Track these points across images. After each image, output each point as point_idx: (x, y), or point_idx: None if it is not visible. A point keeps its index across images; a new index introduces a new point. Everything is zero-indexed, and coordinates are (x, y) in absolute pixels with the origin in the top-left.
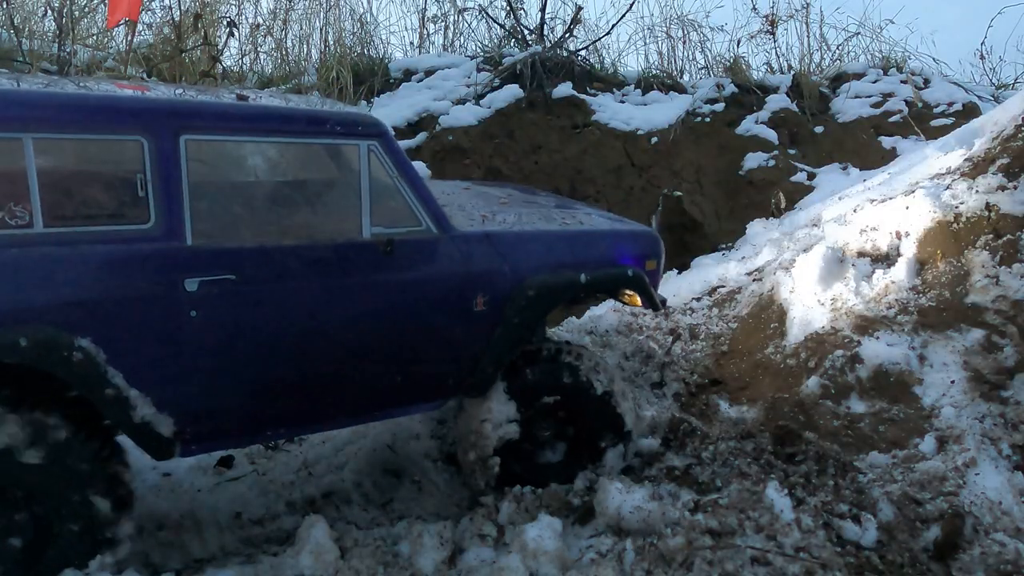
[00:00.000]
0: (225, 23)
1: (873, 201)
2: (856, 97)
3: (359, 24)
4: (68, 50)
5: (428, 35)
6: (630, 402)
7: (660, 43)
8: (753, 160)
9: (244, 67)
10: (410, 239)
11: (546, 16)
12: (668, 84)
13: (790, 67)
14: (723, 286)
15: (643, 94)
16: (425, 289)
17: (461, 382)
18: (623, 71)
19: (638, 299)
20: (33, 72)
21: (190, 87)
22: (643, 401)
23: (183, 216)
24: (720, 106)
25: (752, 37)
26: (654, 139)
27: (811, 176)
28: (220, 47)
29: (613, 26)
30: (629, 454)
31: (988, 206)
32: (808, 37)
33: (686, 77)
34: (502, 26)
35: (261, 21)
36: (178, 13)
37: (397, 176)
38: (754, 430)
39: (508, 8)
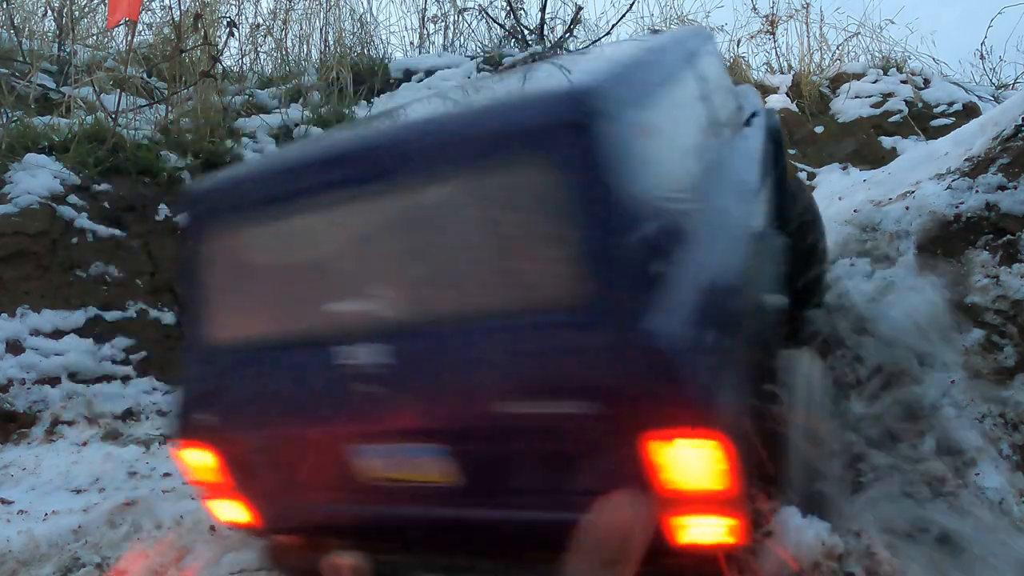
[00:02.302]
0: (225, 23)
1: (873, 201)
2: (856, 97)
3: (359, 24)
4: (68, 50)
5: (428, 35)
6: None
7: None
8: None
9: (244, 67)
10: None
11: (546, 16)
12: None
13: (790, 67)
14: None
15: None
16: None
17: None
18: None
19: None
20: (33, 72)
21: None
22: None
23: None
24: None
25: (752, 37)
26: None
27: (811, 176)
28: (220, 47)
29: (613, 26)
30: None
31: (988, 206)
32: (808, 37)
33: None
34: (502, 26)
35: (261, 21)
36: (178, 13)
37: None
38: None
39: (508, 8)
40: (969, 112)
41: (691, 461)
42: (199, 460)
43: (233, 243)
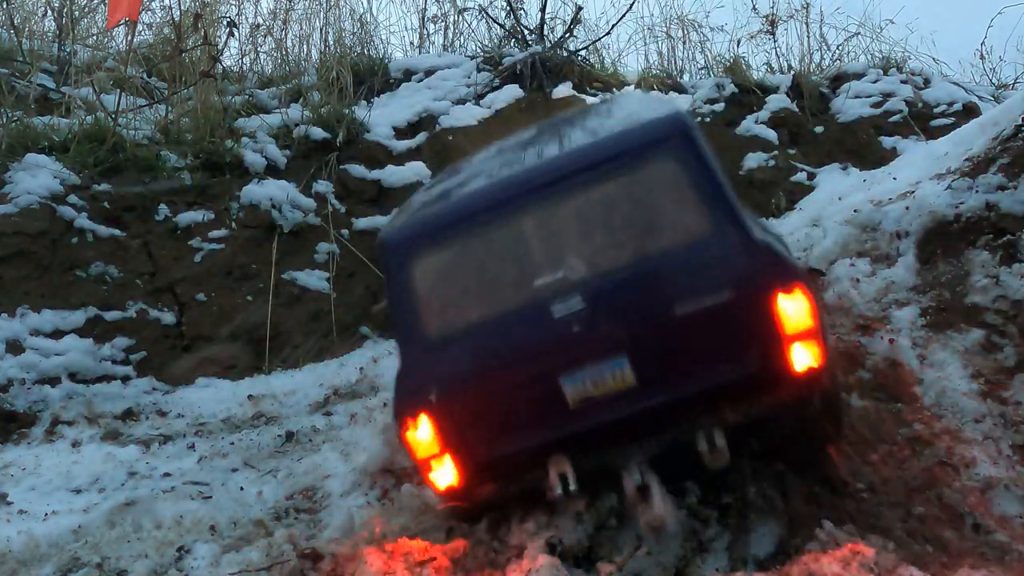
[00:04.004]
0: (225, 23)
1: (873, 201)
2: (856, 97)
3: (359, 24)
4: (68, 50)
5: (428, 35)
6: None
7: (660, 43)
8: (753, 160)
9: (244, 67)
10: None
11: (546, 16)
12: (668, 84)
13: (790, 67)
14: None
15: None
16: None
17: None
18: (623, 71)
19: None
20: (33, 72)
21: None
22: None
23: None
24: (720, 106)
25: (752, 37)
26: None
27: (811, 176)
28: (220, 47)
29: (613, 26)
30: None
31: (988, 206)
32: (808, 37)
33: (686, 77)
34: (502, 26)
35: (261, 21)
36: (178, 13)
37: None
38: None
39: (508, 8)
40: (969, 112)
41: (796, 306)
42: (422, 435)
43: (431, 261)
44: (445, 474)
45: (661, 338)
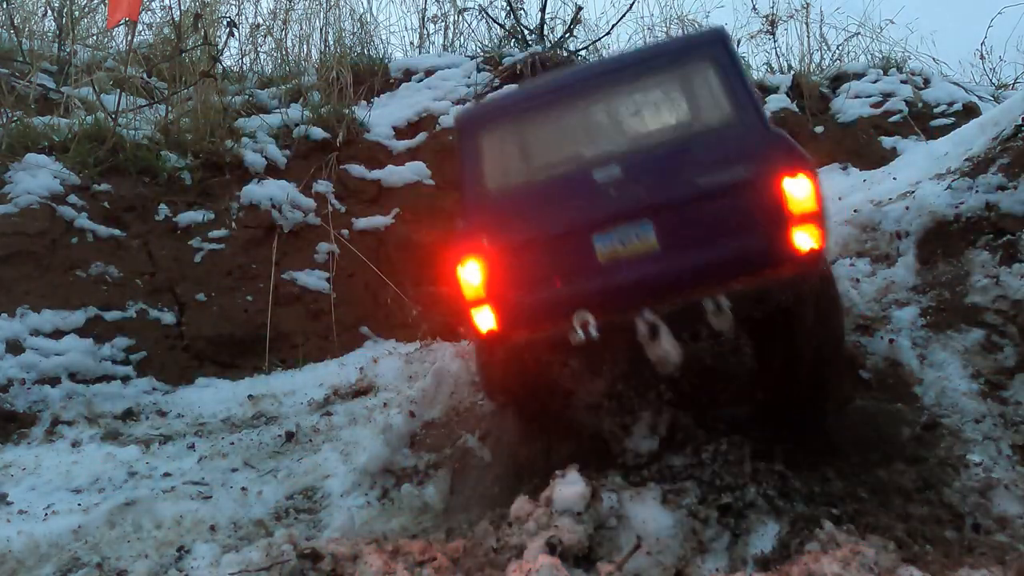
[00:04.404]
0: (225, 23)
1: (873, 201)
2: (856, 97)
3: (359, 24)
4: (68, 50)
5: (428, 35)
6: None
7: None
8: None
9: (244, 67)
10: None
11: (546, 16)
12: None
13: (790, 67)
14: None
15: None
16: None
17: None
18: None
19: None
20: (33, 72)
21: None
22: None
23: None
24: None
25: (752, 37)
26: None
27: None
28: (220, 47)
29: (613, 26)
30: None
31: (988, 206)
32: (808, 37)
33: None
34: (502, 26)
35: (261, 21)
36: (178, 13)
37: None
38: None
39: (508, 8)
40: (969, 112)
41: (802, 190)
42: (470, 276)
43: (496, 136)
44: (486, 318)
45: (681, 209)
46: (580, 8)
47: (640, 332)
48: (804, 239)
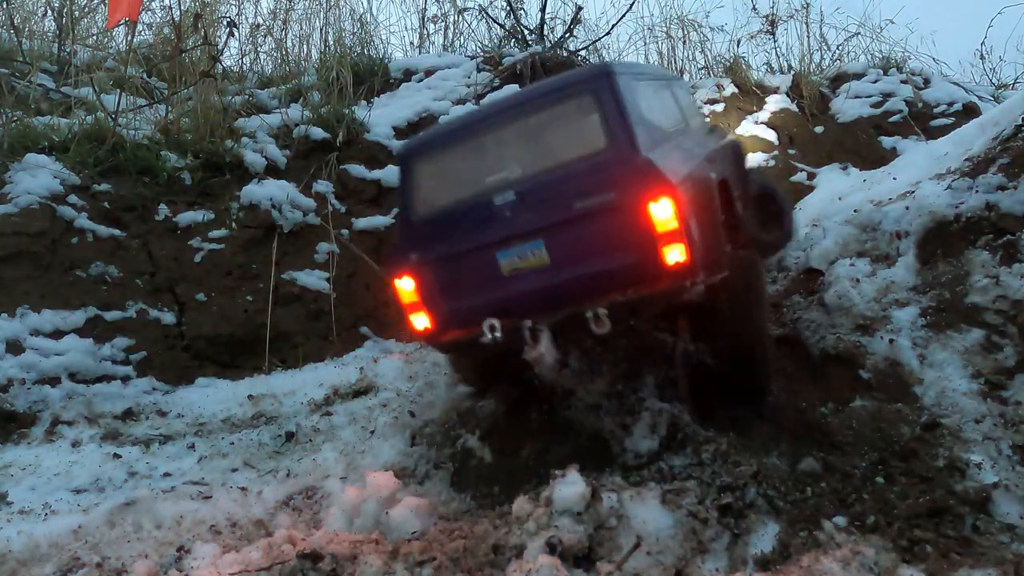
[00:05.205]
0: (225, 23)
1: (873, 201)
2: (856, 97)
3: (359, 24)
4: (68, 50)
5: (428, 35)
6: None
7: (660, 43)
8: (753, 160)
9: (244, 67)
10: None
11: (546, 16)
12: None
13: (790, 67)
14: None
15: None
16: None
17: None
18: None
19: None
20: (33, 72)
21: None
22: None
23: None
24: (720, 106)
25: (752, 37)
26: None
27: (811, 176)
28: (220, 47)
29: (613, 26)
30: None
31: (988, 206)
32: (808, 37)
33: (686, 77)
34: (502, 26)
35: (261, 21)
36: (178, 13)
37: None
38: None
39: (508, 8)
40: (969, 112)
41: (664, 212)
42: (405, 287)
43: (424, 165)
44: (421, 320)
45: (566, 229)
46: (580, 8)
47: (524, 336)
48: (671, 254)
